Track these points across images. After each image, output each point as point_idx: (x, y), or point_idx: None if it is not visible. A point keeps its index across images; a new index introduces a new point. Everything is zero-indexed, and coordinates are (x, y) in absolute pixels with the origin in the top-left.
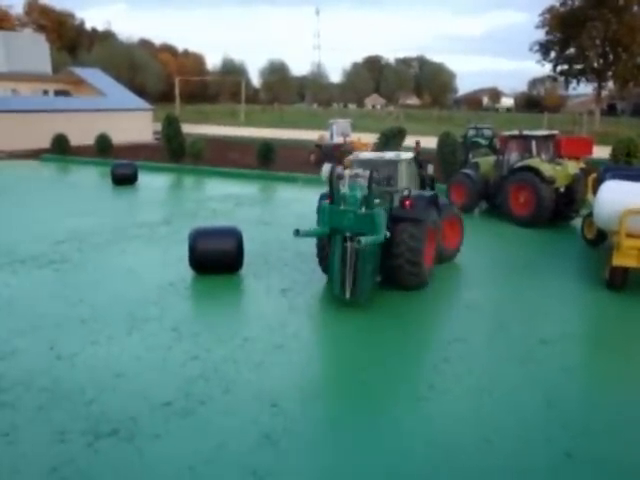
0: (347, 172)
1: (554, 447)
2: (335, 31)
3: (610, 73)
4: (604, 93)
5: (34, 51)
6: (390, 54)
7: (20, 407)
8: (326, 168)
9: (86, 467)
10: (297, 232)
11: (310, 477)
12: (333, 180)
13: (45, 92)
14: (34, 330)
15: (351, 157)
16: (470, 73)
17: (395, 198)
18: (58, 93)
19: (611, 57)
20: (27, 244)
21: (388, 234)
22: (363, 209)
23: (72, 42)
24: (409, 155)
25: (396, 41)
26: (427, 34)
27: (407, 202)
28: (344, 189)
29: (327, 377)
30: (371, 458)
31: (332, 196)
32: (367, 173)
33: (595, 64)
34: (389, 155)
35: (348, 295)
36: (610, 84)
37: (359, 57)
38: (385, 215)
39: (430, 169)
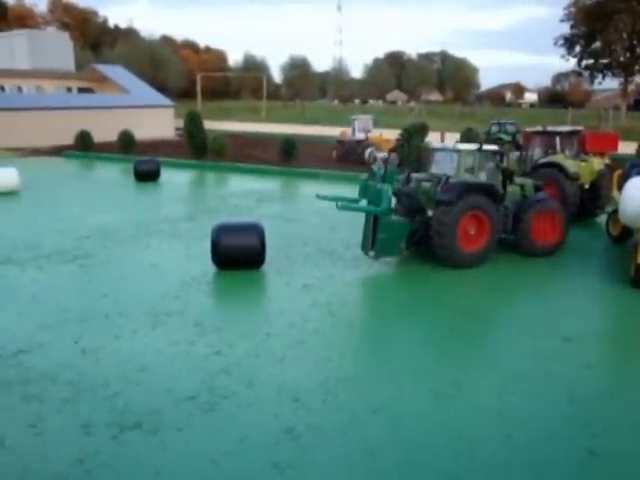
0: (379, 155)
1: (577, 444)
2: (356, 27)
3: (637, 67)
4: (630, 88)
5: (58, 49)
6: (412, 49)
7: (46, 399)
8: (368, 151)
9: (111, 459)
10: (317, 195)
11: (331, 471)
12: (370, 161)
13: (69, 89)
14: (59, 324)
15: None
16: (492, 68)
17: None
18: (81, 90)
19: (638, 50)
20: (52, 240)
21: (430, 213)
22: (379, 185)
23: (95, 40)
24: (470, 147)
25: (418, 36)
26: (449, 29)
27: (443, 187)
28: (375, 168)
29: (348, 373)
30: (393, 453)
31: (370, 174)
32: (390, 155)
33: (622, 58)
34: (449, 146)
35: (368, 253)
36: (637, 78)
37: (380, 52)
38: (390, 191)
39: (504, 163)
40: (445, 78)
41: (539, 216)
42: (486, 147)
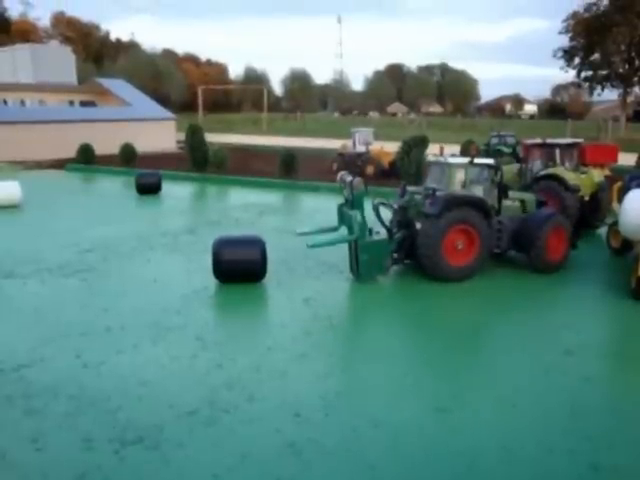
0: (349, 178)
1: (578, 458)
2: (356, 39)
3: (636, 78)
4: (630, 99)
5: (60, 63)
6: (412, 62)
7: (48, 414)
8: (339, 175)
9: (112, 474)
10: (298, 233)
11: None
12: (341, 185)
13: (71, 103)
14: (61, 338)
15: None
16: (492, 80)
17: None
18: (84, 104)
19: (637, 62)
20: (54, 253)
21: (419, 226)
22: (350, 212)
23: (97, 53)
24: (461, 160)
25: (417, 49)
26: (448, 42)
27: (430, 200)
28: (345, 193)
29: (350, 387)
30: (394, 467)
31: (345, 199)
32: (354, 179)
33: (620, 70)
34: (442, 159)
35: (355, 275)
36: (636, 90)
37: (381, 65)
38: (360, 216)
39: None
40: (445, 90)
41: (553, 232)
42: (478, 161)
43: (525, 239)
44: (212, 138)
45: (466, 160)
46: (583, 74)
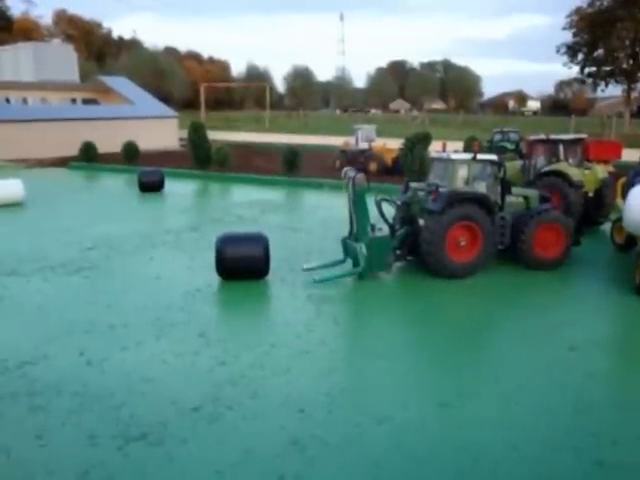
0: (351, 174)
1: (583, 455)
2: (359, 37)
3: None
4: (634, 95)
5: (63, 61)
6: (414, 58)
7: (52, 411)
8: (344, 170)
9: (116, 470)
10: (303, 268)
11: None
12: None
13: (73, 101)
14: (64, 336)
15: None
16: (495, 76)
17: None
18: (86, 102)
19: None
20: (57, 251)
21: (422, 222)
22: (355, 244)
23: (99, 51)
24: (464, 156)
25: (420, 46)
26: (450, 38)
27: (432, 197)
28: (346, 188)
29: (353, 383)
30: (397, 464)
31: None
32: (356, 175)
33: (624, 65)
34: (445, 155)
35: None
36: None
37: (383, 62)
38: (364, 248)
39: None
40: (448, 87)
41: (542, 227)
42: (481, 157)
43: (516, 234)
44: (214, 136)
45: (469, 156)
46: (587, 70)
